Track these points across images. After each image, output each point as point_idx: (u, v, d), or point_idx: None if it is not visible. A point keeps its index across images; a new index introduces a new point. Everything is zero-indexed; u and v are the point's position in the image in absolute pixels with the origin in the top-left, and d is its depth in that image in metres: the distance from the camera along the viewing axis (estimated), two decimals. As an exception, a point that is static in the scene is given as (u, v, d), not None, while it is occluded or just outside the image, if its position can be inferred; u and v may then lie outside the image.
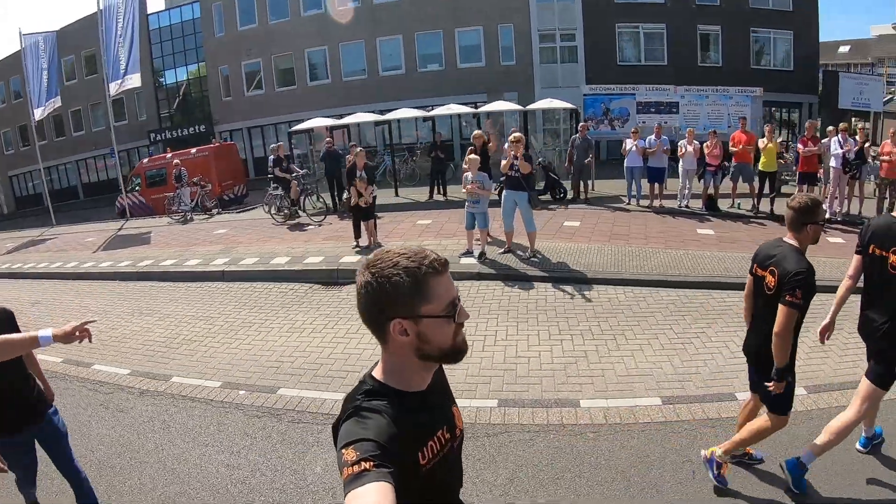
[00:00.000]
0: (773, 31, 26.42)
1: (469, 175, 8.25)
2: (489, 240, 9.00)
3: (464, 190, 8.27)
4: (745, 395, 4.25)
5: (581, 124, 14.08)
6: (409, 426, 1.32)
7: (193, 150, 20.85)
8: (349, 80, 26.68)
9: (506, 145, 8.66)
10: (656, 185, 12.91)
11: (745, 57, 26.08)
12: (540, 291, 7.46)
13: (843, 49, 44.14)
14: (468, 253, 8.72)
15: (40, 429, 3.43)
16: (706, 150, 12.33)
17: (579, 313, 6.70)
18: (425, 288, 1.30)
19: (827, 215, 10.93)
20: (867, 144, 12.16)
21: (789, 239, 3.28)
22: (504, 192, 8.46)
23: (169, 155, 20.95)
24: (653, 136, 12.76)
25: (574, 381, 5.15)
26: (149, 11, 30.06)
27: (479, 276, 8.03)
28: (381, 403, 1.33)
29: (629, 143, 12.77)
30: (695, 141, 12.50)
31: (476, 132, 9.58)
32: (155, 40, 30.45)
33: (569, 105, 15.70)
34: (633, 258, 8.60)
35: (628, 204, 13.16)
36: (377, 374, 1.42)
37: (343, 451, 1.23)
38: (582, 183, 13.74)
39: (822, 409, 4.46)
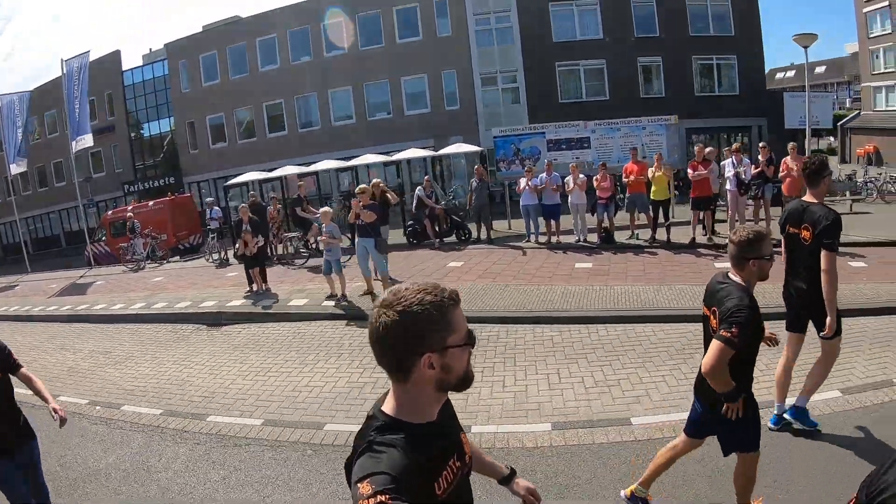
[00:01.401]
0: (715, 57, 27.29)
1: (324, 226, 9.83)
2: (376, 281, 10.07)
3: (319, 239, 9.85)
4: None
5: (476, 167, 15.24)
6: (423, 458, 1.35)
7: (151, 203, 22.74)
8: (304, 130, 28.67)
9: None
10: (552, 221, 13.22)
11: (688, 85, 26.97)
12: None
13: (789, 74, 45.81)
14: (332, 296, 9.97)
15: (23, 458, 3.78)
16: (595, 183, 12.60)
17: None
18: (450, 319, 1.36)
19: (727, 240, 11.97)
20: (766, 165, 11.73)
21: (733, 275, 3.16)
22: (356, 239, 9.82)
23: (130, 207, 22.79)
24: (544, 174, 13.12)
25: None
26: (125, 68, 32.55)
27: (332, 317, 9.27)
28: (395, 437, 1.35)
29: (522, 182, 13.24)
30: (581, 175, 12.78)
31: (361, 186, 10.15)
32: (130, 95, 32.82)
33: (475, 148, 17.20)
34: (489, 294, 9.29)
35: (527, 241, 13.57)
36: (387, 409, 1.44)
37: (358, 485, 1.25)
38: (484, 223, 14.59)
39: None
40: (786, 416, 4.55)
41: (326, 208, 10.41)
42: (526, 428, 5.02)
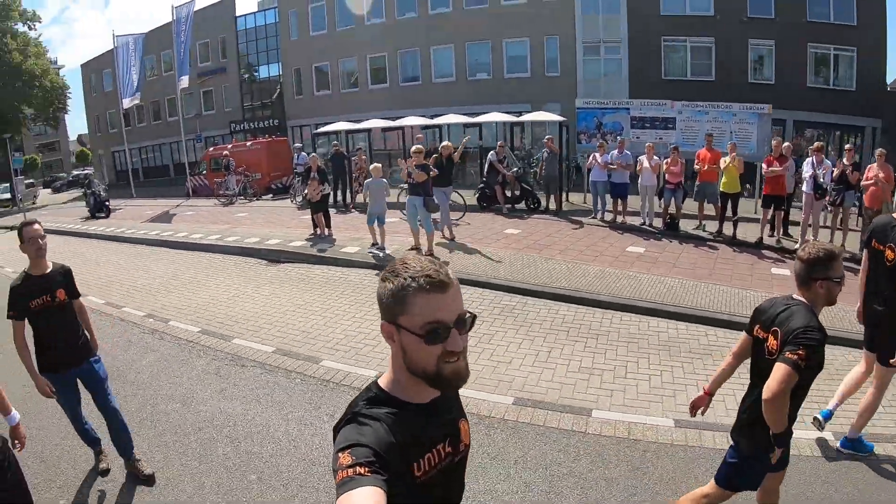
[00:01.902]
0: (833, 47, 25.20)
1: (370, 181, 10.42)
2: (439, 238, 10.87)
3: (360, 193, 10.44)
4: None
5: (547, 138, 15.13)
6: (406, 437, 1.35)
7: (249, 143, 24.32)
8: (405, 85, 29.26)
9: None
10: (619, 200, 12.98)
11: (800, 74, 25.09)
12: None
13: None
14: (374, 245, 10.61)
15: (80, 371, 4.10)
16: (664, 167, 12.17)
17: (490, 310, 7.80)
18: (404, 299, 1.33)
19: (797, 245, 10.40)
20: (850, 170, 10.59)
21: (798, 296, 2.87)
22: (408, 197, 10.37)
23: (229, 146, 24.47)
24: (615, 151, 12.83)
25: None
26: (238, 13, 34.57)
27: (373, 266, 9.85)
28: (381, 412, 1.37)
29: (595, 156, 12.95)
30: (655, 157, 12.33)
31: (415, 146, 10.77)
32: (242, 40, 34.85)
33: (557, 118, 16.98)
34: (524, 264, 9.35)
35: (593, 218, 13.38)
36: (382, 382, 1.46)
37: (339, 454, 1.27)
38: (553, 195, 14.62)
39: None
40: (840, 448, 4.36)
41: (376, 164, 10.95)
42: (488, 397, 5.22)
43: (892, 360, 3.97)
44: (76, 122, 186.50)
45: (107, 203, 19.60)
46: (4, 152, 29.11)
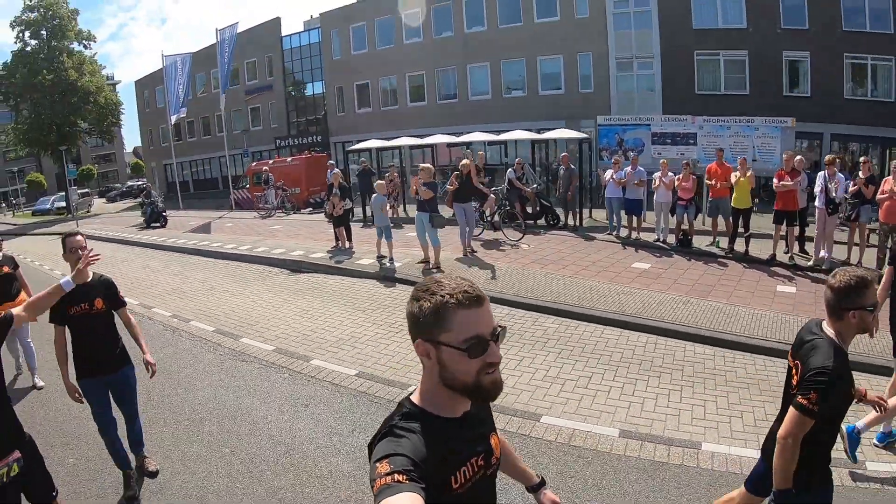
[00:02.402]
0: (870, 57, 24.36)
1: (376, 196, 11.20)
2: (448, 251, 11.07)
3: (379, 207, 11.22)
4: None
5: (563, 155, 15.47)
6: (441, 450, 1.39)
7: (289, 159, 25.65)
8: (443, 103, 30.23)
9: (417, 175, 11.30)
10: (634, 217, 13.00)
11: (837, 86, 24.37)
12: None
13: None
14: (379, 257, 11.38)
15: (112, 378, 4.35)
16: (676, 183, 12.03)
17: None
18: (444, 317, 1.37)
19: (811, 262, 10.63)
20: (864, 183, 10.32)
21: (827, 326, 2.74)
22: (417, 213, 10.91)
23: (271, 161, 25.81)
24: (629, 168, 12.85)
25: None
26: (284, 33, 36.52)
27: (382, 277, 10.59)
28: (416, 425, 1.41)
29: (607, 174, 13.08)
30: (669, 173, 12.20)
31: (423, 165, 11.38)
32: (288, 59, 36.63)
33: (578, 134, 17.31)
34: (518, 278, 9.80)
35: (609, 234, 13.44)
36: (415, 397, 1.50)
37: (377, 464, 1.30)
38: (570, 211, 14.77)
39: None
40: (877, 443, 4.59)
41: (380, 181, 11.78)
42: None
43: None
44: (133, 135, 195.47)
45: (164, 213, 21.08)
46: (61, 164, 31.39)
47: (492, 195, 13.41)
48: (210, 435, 5.19)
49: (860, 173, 10.53)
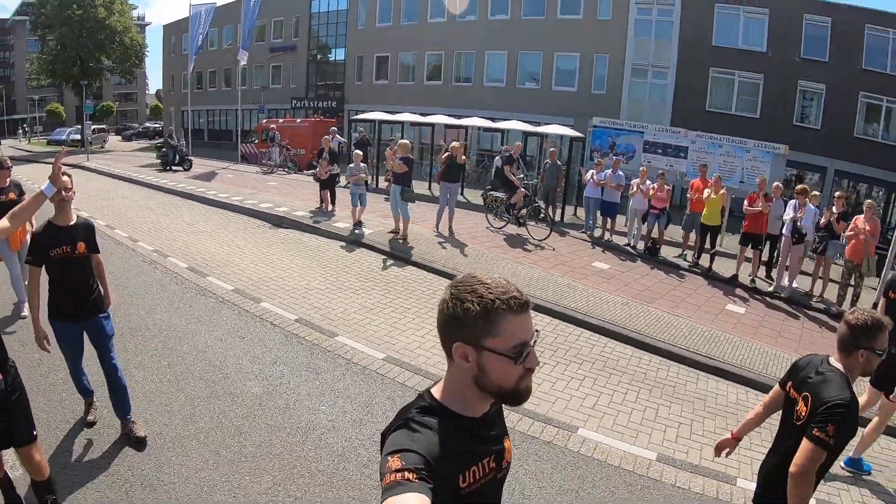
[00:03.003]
0: (886, 99, 24.33)
1: (352, 166, 12.04)
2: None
3: (348, 179, 12.04)
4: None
5: (550, 150, 15.99)
6: (456, 448, 1.38)
7: (299, 120, 26.50)
8: (458, 85, 30.90)
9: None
10: (608, 219, 13.47)
11: (849, 123, 24.49)
12: (375, 261, 10.83)
13: None
14: (357, 224, 12.06)
15: (88, 325, 4.32)
16: (651, 192, 12.30)
17: (394, 283, 9.75)
18: (493, 321, 1.34)
19: (771, 288, 11.06)
20: (835, 218, 10.49)
21: (836, 362, 2.81)
22: (392, 185, 11.70)
23: (281, 120, 26.61)
24: (609, 170, 13.22)
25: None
26: None
27: (351, 241, 11.36)
28: (434, 421, 1.40)
29: (588, 174, 13.52)
30: (647, 181, 12.50)
31: (401, 141, 12.32)
32: (314, 22, 37.35)
33: (571, 132, 17.94)
34: (478, 258, 10.60)
35: (583, 232, 13.87)
36: (436, 391, 1.48)
37: (389, 457, 1.29)
38: (551, 205, 14.86)
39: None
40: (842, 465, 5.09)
41: (357, 151, 12.75)
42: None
43: (891, 397, 4.79)
44: (157, 78, 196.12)
45: (188, 157, 22.09)
46: (81, 97, 32.46)
47: (522, 188, 13.31)
48: (155, 350, 6.06)
49: (834, 208, 10.65)
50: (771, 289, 11.02)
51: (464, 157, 12.96)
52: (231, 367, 5.78)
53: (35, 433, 3.37)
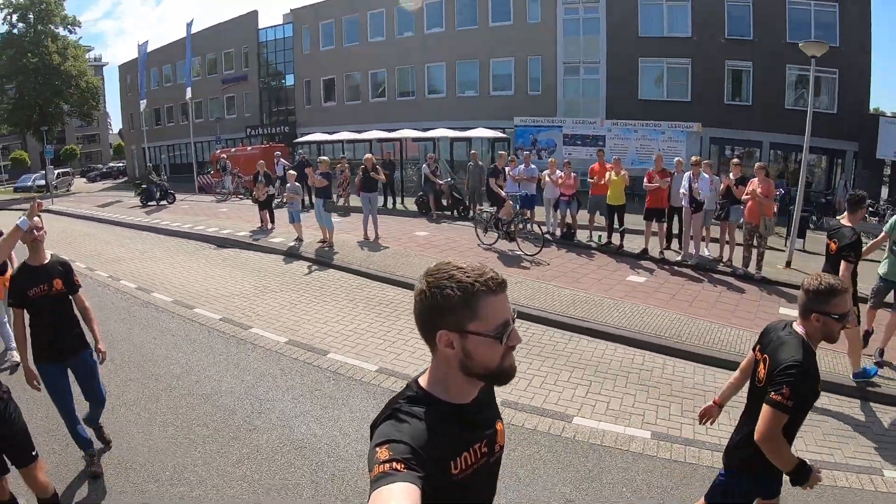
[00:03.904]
0: (813, 69, 25.39)
1: (288, 186, 13.69)
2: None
3: (285, 196, 13.72)
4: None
5: (473, 152, 17.58)
6: (445, 435, 1.42)
7: (249, 148, 28.26)
8: (402, 99, 32.64)
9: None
10: (528, 211, 13.55)
11: (779, 96, 25.58)
12: (300, 268, 12.44)
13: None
14: (297, 239, 13.68)
15: (73, 363, 4.52)
16: (559, 181, 13.26)
17: (312, 283, 11.39)
18: (475, 305, 1.38)
19: (680, 258, 11.92)
20: (734, 184, 11.27)
21: (798, 326, 2.87)
22: (315, 199, 13.35)
23: (233, 149, 28.31)
24: (522, 165, 14.21)
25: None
26: (261, 26, 39.22)
27: (287, 254, 12.95)
28: (421, 410, 1.43)
29: (506, 170, 13.99)
30: (558, 171, 13.44)
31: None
32: (263, 51, 39.34)
33: (495, 133, 19.72)
34: (391, 256, 12.04)
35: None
36: (422, 381, 1.52)
37: (376, 448, 1.33)
38: (475, 203, 16.22)
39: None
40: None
41: (291, 171, 14.43)
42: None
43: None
44: (119, 117, 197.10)
45: (171, 191, 23.70)
46: (43, 144, 34.03)
47: (509, 200, 13.28)
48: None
49: (731, 174, 11.47)
50: (679, 258, 11.93)
51: (378, 168, 14.41)
52: (158, 356, 7.34)
53: (35, 454, 3.63)
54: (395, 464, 1.27)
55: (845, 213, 6.50)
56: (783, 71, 25.47)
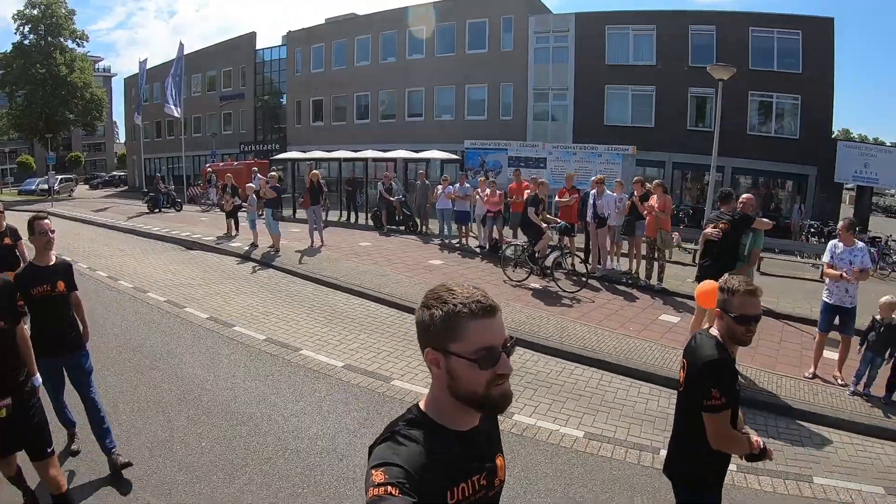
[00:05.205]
0: (776, 95, 27.02)
1: (252, 196, 16.52)
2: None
3: (246, 206, 16.54)
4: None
5: (420, 172, 19.89)
6: (442, 462, 1.46)
7: (235, 163, 31.29)
8: (384, 121, 35.75)
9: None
10: (463, 226, 16.28)
11: (741, 122, 26.76)
12: (246, 267, 15.18)
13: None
14: (253, 244, 16.31)
15: (68, 361, 4.78)
16: (485, 198, 14.57)
17: (250, 279, 14.13)
18: (456, 326, 1.45)
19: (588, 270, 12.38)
20: (636, 200, 12.03)
21: (714, 328, 2.99)
22: (265, 209, 15.99)
23: (221, 164, 31.41)
24: (457, 184, 16.10)
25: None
26: (258, 47, 42.78)
27: (243, 257, 15.52)
28: (419, 434, 1.48)
29: (439, 189, 16.33)
30: (487, 189, 14.67)
31: (272, 172, 16.85)
32: (260, 71, 42.84)
33: (448, 155, 21.88)
34: (324, 261, 14.49)
35: (440, 240, 17.08)
36: (422, 405, 1.58)
37: (372, 471, 1.37)
38: (420, 219, 18.78)
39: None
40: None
41: (250, 184, 17.25)
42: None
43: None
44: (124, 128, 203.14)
45: (178, 200, 26.65)
46: (47, 150, 37.54)
47: (548, 232, 12.43)
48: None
49: (634, 192, 12.27)
50: (588, 269, 12.58)
51: (322, 182, 17.09)
52: (111, 326, 10.07)
53: (50, 450, 3.84)
54: (389, 487, 1.32)
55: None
56: (745, 98, 27.14)
